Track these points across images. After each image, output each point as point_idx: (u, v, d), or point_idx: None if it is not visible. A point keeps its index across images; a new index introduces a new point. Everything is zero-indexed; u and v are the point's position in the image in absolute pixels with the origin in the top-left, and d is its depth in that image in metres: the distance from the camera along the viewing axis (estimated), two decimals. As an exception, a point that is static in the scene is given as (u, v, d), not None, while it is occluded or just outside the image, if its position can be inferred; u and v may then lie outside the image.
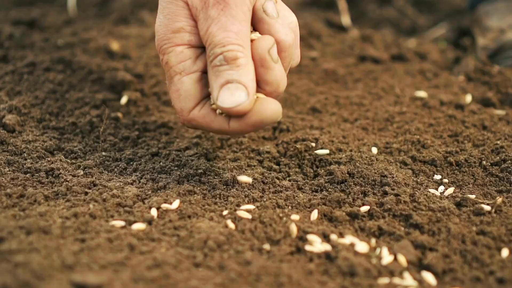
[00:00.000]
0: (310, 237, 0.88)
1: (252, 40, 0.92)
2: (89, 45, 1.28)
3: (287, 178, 1.01)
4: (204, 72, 0.93)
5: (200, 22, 0.91)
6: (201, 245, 0.85)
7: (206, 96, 0.93)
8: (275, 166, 1.03)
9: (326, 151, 1.05)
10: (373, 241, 0.89)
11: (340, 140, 1.09)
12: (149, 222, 0.89)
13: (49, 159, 1.00)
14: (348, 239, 0.88)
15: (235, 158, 1.05)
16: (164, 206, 0.91)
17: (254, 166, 1.03)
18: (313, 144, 1.06)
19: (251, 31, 0.94)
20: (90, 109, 1.12)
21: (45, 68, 1.20)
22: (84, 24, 1.42)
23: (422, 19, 1.65)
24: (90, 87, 1.17)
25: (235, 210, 0.92)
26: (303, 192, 0.98)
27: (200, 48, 0.93)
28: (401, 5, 1.70)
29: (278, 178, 1.01)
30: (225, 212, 0.92)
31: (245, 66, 0.89)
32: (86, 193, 0.93)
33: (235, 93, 0.89)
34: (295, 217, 0.91)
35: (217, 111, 0.92)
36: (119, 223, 0.88)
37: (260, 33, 0.94)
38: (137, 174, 0.99)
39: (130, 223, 0.88)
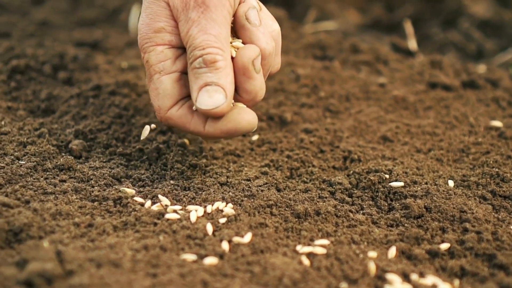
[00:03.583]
0: (390, 276, 0.84)
1: (236, 47, 0.94)
2: (154, 68, 1.26)
3: (361, 212, 0.98)
4: (184, 73, 0.96)
5: (181, 24, 0.93)
6: (276, 283, 0.82)
7: (185, 96, 0.96)
8: (347, 198, 1.00)
9: (401, 184, 1.01)
10: (456, 282, 0.84)
11: (414, 171, 1.05)
12: (221, 256, 0.86)
13: (116, 187, 0.98)
14: (430, 279, 0.84)
15: (306, 189, 1.01)
16: (236, 239, 0.88)
17: (326, 197, 0.99)
18: (387, 176, 1.02)
19: (234, 38, 0.96)
20: (156, 135, 1.10)
21: (110, 92, 1.18)
22: (147, 46, 1.40)
23: (488, 43, 1.60)
24: (155, 112, 1.15)
25: (309, 245, 0.89)
26: (379, 227, 0.94)
27: (181, 48, 0.96)
28: (466, 28, 1.65)
29: (351, 211, 0.97)
30: (298, 247, 0.88)
31: (224, 69, 0.91)
32: (155, 224, 0.91)
33: (214, 95, 0.91)
34: (372, 254, 0.87)
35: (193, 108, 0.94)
36: (190, 257, 0.85)
37: (242, 40, 0.95)
38: (206, 204, 0.96)
39: (201, 257, 0.85)
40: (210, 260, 0.84)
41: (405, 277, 0.84)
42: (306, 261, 0.86)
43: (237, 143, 1.11)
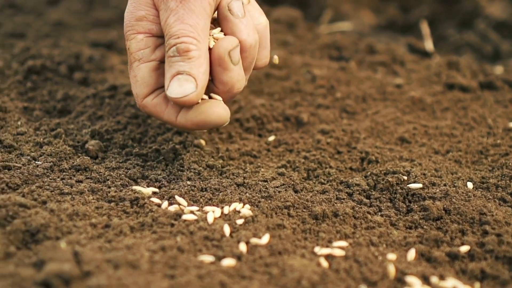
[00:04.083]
0: (409, 279, 0.83)
1: (216, 39, 0.94)
2: (169, 69, 1.25)
3: (379, 213, 0.97)
4: (163, 62, 0.96)
5: (161, 13, 0.94)
6: (294, 285, 0.81)
7: (162, 85, 0.97)
8: (365, 200, 0.99)
9: (419, 185, 1.00)
10: (477, 285, 0.83)
11: (432, 173, 1.04)
12: (239, 257, 0.85)
13: (133, 187, 0.97)
14: (450, 282, 0.83)
15: (323, 190, 1.00)
16: (253, 240, 0.88)
17: (344, 199, 0.99)
18: (405, 177, 1.01)
19: (220, 32, 0.96)
20: (172, 135, 1.09)
21: (126, 92, 1.18)
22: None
23: (505, 44, 1.58)
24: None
25: (327, 246, 0.88)
26: (397, 229, 0.93)
27: (161, 37, 0.97)
28: (482, 29, 1.64)
29: (369, 213, 0.96)
30: (317, 249, 0.88)
31: (197, 59, 0.91)
32: (172, 225, 0.90)
33: (184, 84, 0.91)
34: (391, 256, 0.87)
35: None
36: (208, 258, 0.84)
37: (224, 31, 0.96)
38: (223, 205, 0.95)
39: (219, 258, 0.85)
40: (228, 262, 0.84)
41: (425, 280, 0.83)
42: (324, 263, 0.85)
43: (254, 144, 1.11)
